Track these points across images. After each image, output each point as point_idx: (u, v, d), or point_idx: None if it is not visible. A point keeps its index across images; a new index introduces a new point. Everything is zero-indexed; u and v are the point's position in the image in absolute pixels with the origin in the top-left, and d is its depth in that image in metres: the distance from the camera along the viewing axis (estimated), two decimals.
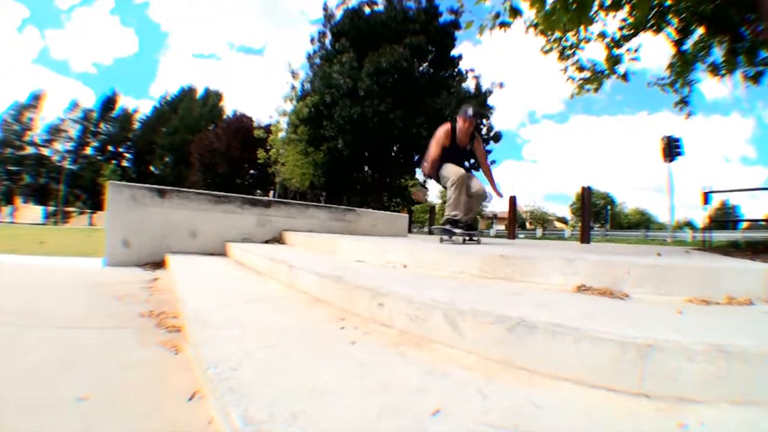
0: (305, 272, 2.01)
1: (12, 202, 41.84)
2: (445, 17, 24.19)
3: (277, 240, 4.08)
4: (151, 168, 45.66)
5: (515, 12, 5.52)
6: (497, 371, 1.07)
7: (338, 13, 23.85)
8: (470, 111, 3.85)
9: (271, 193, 22.43)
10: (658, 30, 7.09)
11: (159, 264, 3.67)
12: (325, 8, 24.01)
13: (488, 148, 23.55)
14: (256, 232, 4.06)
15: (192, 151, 30.38)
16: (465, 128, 3.83)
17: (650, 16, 6.84)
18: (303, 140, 19.68)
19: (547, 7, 5.42)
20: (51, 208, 39.27)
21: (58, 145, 45.51)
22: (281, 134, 20.60)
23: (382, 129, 20.19)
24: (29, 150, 44.37)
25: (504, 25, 5.60)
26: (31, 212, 39.26)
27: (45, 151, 45.11)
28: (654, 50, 8.75)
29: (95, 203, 41.40)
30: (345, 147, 20.47)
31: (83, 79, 75.67)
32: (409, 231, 8.86)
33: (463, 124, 3.82)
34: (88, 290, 2.58)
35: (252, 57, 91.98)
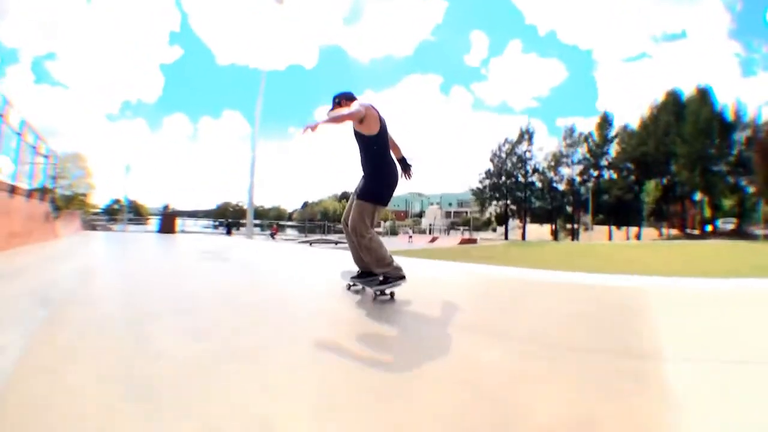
0: None
1: (505, 222, 49.32)
2: None
3: None
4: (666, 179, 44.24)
5: None
6: None
7: None
8: None
9: None
10: None
11: None
12: None
13: None
14: None
15: (756, 155, 31.63)
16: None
17: None
18: None
19: None
20: (557, 226, 44.93)
21: (565, 170, 49.27)
22: None
23: None
24: (532, 177, 49.74)
25: None
26: (536, 230, 45.28)
27: (550, 175, 49.79)
28: None
29: (617, 219, 44.06)
30: None
31: (528, 113, 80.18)
32: None
33: None
34: None
35: (677, 43, 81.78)
